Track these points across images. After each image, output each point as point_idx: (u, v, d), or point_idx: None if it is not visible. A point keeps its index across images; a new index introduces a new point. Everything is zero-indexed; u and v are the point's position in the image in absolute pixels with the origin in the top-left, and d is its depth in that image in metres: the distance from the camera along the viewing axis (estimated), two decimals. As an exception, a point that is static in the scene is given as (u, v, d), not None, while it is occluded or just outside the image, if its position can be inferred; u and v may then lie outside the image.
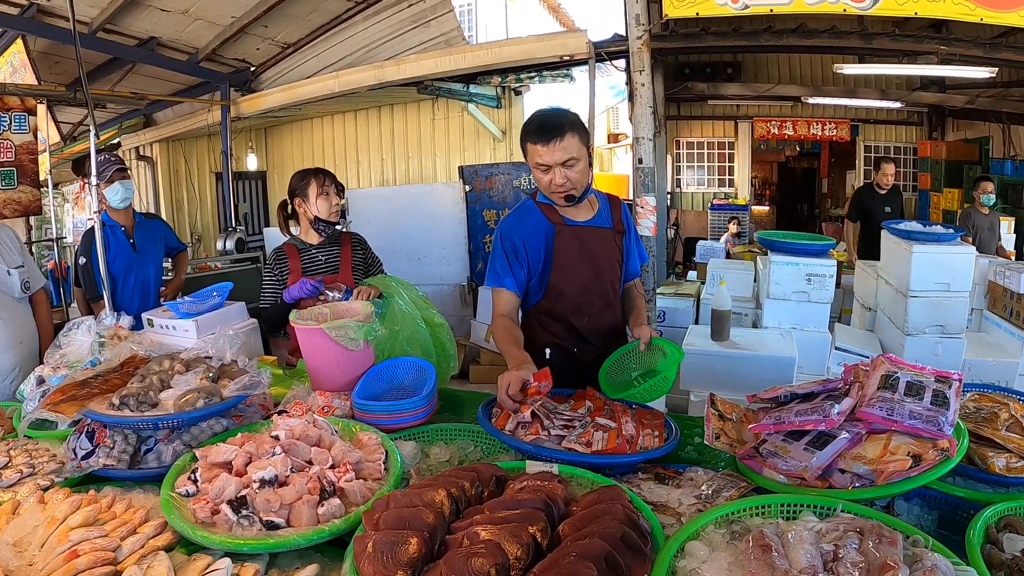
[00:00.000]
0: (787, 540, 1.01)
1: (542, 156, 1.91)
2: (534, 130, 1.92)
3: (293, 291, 2.55)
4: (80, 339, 2.14)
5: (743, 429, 1.54)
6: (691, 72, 8.41)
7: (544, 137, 1.89)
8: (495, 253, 2.07)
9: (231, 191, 7.59)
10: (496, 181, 6.83)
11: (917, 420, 1.27)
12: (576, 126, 1.92)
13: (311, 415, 1.62)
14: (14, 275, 2.68)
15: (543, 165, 1.93)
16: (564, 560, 0.96)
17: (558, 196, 1.99)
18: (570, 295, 2.08)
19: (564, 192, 1.96)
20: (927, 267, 3.25)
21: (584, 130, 1.96)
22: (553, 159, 1.90)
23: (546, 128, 1.90)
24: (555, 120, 1.91)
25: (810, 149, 12.06)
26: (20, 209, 4.22)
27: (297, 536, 1.16)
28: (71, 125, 7.50)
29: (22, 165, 4.17)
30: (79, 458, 1.53)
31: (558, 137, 1.88)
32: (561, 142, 1.88)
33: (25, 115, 4.21)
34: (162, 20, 5.69)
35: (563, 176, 1.92)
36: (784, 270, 3.48)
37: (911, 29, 4.60)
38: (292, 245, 2.73)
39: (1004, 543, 1.09)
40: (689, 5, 4.27)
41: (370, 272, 2.78)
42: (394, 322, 2.32)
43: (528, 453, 1.51)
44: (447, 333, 2.48)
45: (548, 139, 1.89)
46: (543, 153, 1.90)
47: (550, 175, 1.93)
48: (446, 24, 6.00)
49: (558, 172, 1.92)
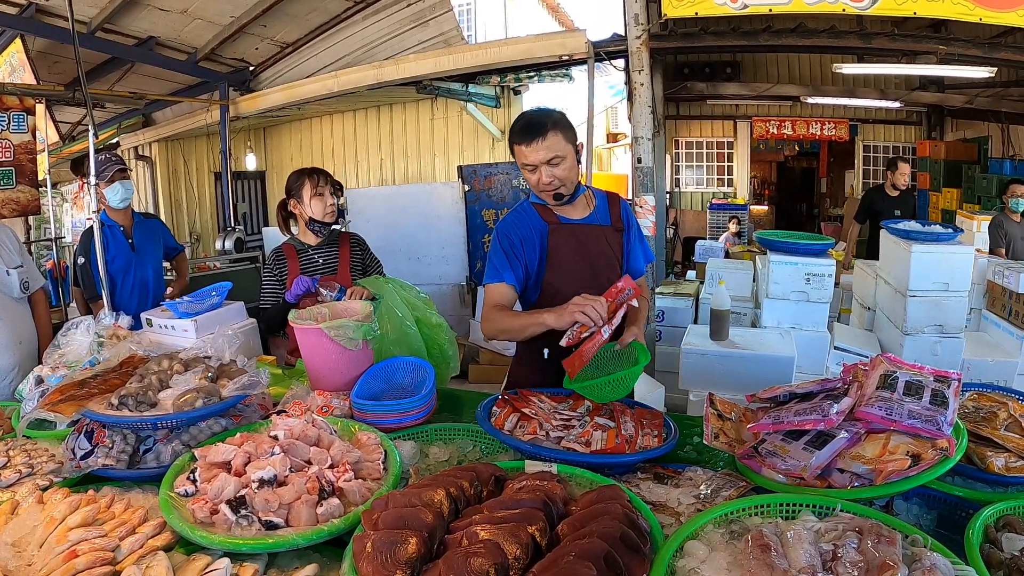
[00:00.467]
0: (786, 540, 1.01)
1: (527, 156, 1.94)
2: (518, 131, 1.96)
3: (294, 290, 2.55)
4: (79, 339, 2.14)
5: (742, 429, 1.54)
6: (690, 72, 8.40)
7: (527, 137, 1.92)
8: (493, 252, 2.08)
9: (230, 191, 7.59)
10: (495, 181, 6.84)
11: (916, 420, 1.27)
12: (559, 124, 1.94)
13: (310, 415, 1.62)
14: (13, 275, 2.67)
15: (529, 165, 1.96)
16: (563, 560, 0.96)
17: (547, 195, 2.01)
18: (566, 293, 2.06)
19: (552, 190, 1.98)
20: (926, 267, 3.25)
21: (569, 127, 1.98)
22: (537, 158, 1.93)
23: (529, 128, 1.93)
24: (538, 120, 1.94)
25: (809, 149, 12.07)
26: (19, 209, 4.21)
27: (296, 536, 1.16)
28: (70, 125, 7.48)
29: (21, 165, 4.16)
30: (78, 458, 1.53)
31: (540, 136, 1.90)
32: (544, 141, 1.90)
33: (24, 115, 4.20)
34: (161, 20, 5.69)
35: (549, 175, 1.95)
36: (783, 270, 3.48)
37: (910, 29, 4.60)
38: (291, 246, 2.73)
39: (1003, 543, 1.09)
40: (688, 5, 4.27)
41: (368, 273, 2.78)
42: (381, 324, 2.32)
43: (527, 453, 1.51)
44: (446, 334, 2.48)
45: (531, 139, 1.91)
46: (527, 153, 1.93)
47: (536, 174, 1.96)
48: (445, 24, 6.00)
49: (544, 171, 1.94)
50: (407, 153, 8.51)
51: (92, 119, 3.31)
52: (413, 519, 1.09)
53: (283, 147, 9.51)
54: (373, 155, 8.72)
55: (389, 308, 2.39)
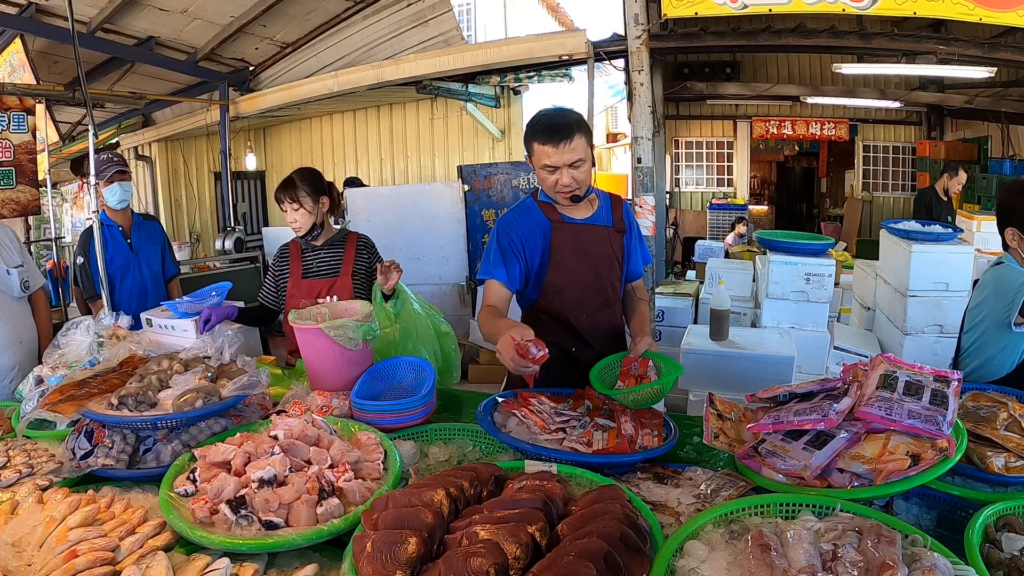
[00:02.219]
0: (786, 539, 1.01)
1: (551, 157, 1.90)
2: (542, 131, 1.90)
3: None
4: (79, 339, 2.14)
5: (742, 428, 1.54)
6: (690, 72, 8.41)
7: (554, 138, 1.88)
8: (490, 248, 2.06)
9: (230, 191, 7.59)
10: (495, 181, 6.83)
11: (916, 420, 1.27)
12: (582, 127, 1.92)
13: (310, 415, 1.62)
14: (13, 274, 2.68)
15: (550, 166, 1.92)
16: (563, 560, 0.96)
17: (563, 196, 1.98)
18: (568, 293, 2.07)
19: (570, 193, 1.96)
20: (926, 267, 3.25)
21: (589, 130, 1.95)
22: (562, 160, 1.89)
23: (555, 129, 1.88)
24: (563, 120, 1.90)
25: (809, 149, 12.06)
26: (19, 209, 4.21)
27: (296, 536, 1.16)
28: (70, 125, 7.48)
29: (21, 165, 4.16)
30: (78, 458, 1.53)
31: (567, 139, 1.87)
32: (570, 143, 1.87)
33: (24, 115, 4.20)
34: (161, 20, 5.68)
35: (570, 177, 1.92)
36: (783, 270, 3.49)
37: (910, 29, 4.60)
38: (297, 244, 2.69)
39: (1003, 542, 1.09)
40: (688, 5, 4.27)
41: (374, 276, 2.73)
42: (409, 321, 2.31)
43: (527, 453, 1.51)
44: (452, 343, 2.45)
45: (558, 140, 1.87)
46: (552, 154, 1.89)
47: (556, 175, 1.92)
48: (445, 24, 6.00)
49: (565, 173, 1.91)
50: (407, 153, 8.51)
51: (92, 119, 3.32)
52: (413, 519, 1.09)
53: (283, 147, 9.51)
54: (373, 155, 8.72)
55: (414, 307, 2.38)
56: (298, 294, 2.59)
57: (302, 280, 2.62)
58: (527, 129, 1.96)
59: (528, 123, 1.97)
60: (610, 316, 2.16)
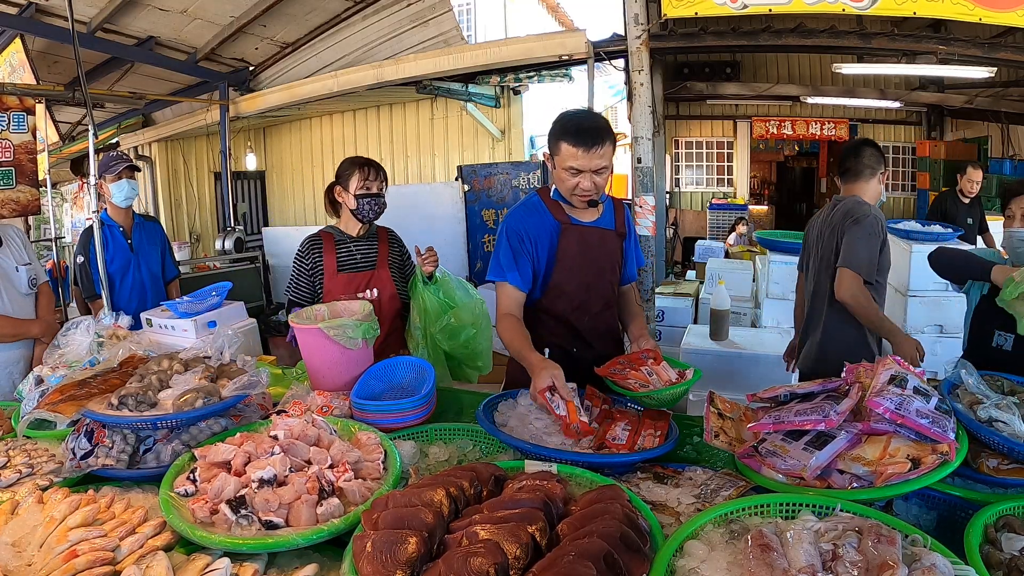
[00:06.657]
0: (786, 539, 1.01)
1: (578, 160, 1.86)
2: (574, 132, 1.86)
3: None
4: (79, 339, 2.14)
5: (742, 428, 1.54)
6: (690, 72, 8.41)
7: (586, 142, 1.84)
8: (500, 246, 2.03)
9: (230, 191, 7.59)
10: (495, 181, 6.83)
11: (925, 419, 1.27)
12: (611, 134, 1.89)
13: (310, 415, 1.62)
14: (22, 271, 2.79)
15: (575, 169, 1.88)
16: (563, 559, 0.96)
17: (580, 200, 1.96)
18: (572, 294, 2.07)
19: (588, 197, 1.94)
20: (926, 267, 3.25)
21: (615, 139, 1.93)
22: (589, 165, 1.86)
23: (587, 133, 1.85)
24: (595, 125, 1.88)
25: (809, 149, 12.06)
26: (19, 209, 4.20)
27: (296, 536, 1.16)
28: (70, 125, 7.48)
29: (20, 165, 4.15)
30: (78, 458, 1.52)
31: (599, 144, 1.84)
32: (600, 149, 1.85)
33: (24, 115, 4.19)
34: (161, 20, 5.69)
35: (591, 182, 1.89)
36: (783, 269, 3.49)
37: (910, 29, 4.60)
38: (330, 235, 2.52)
39: (1002, 543, 1.09)
40: (688, 5, 4.27)
41: (405, 270, 2.65)
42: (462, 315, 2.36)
43: (527, 452, 1.51)
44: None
45: (590, 145, 1.84)
46: (580, 157, 1.86)
47: (579, 179, 1.89)
48: (445, 24, 6.00)
49: (588, 178, 1.89)
50: (407, 153, 8.51)
51: (92, 119, 3.32)
52: (413, 519, 1.09)
53: (283, 147, 9.51)
54: (373, 155, 8.63)
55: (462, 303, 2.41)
56: (335, 289, 2.46)
57: (339, 274, 2.48)
58: (555, 126, 1.92)
59: (556, 120, 1.93)
60: (609, 318, 2.18)
